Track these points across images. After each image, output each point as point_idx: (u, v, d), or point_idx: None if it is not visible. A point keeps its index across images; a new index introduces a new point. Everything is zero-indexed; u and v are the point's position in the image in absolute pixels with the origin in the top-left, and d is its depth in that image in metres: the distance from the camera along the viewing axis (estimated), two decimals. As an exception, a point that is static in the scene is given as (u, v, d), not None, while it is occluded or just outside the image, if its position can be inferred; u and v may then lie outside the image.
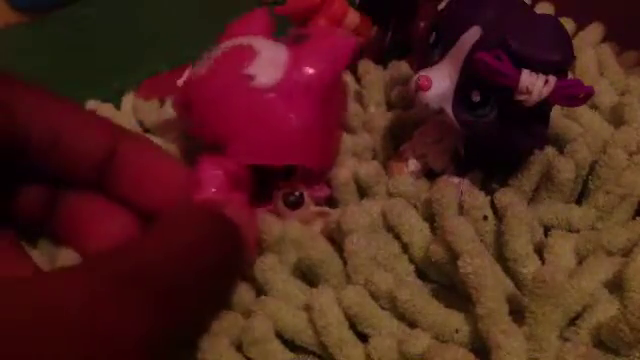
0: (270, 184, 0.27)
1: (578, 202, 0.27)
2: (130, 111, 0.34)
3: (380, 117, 0.31)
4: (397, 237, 0.25)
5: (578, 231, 0.25)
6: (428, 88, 0.24)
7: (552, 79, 0.22)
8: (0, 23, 0.48)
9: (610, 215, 0.26)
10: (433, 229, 0.25)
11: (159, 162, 0.23)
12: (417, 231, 0.25)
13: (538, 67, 0.22)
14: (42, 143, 0.21)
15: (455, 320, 0.22)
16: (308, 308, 0.23)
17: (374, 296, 0.23)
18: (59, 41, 0.44)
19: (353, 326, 0.23)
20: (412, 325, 0.23)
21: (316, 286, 0.24)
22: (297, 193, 0.27)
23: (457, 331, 0.22)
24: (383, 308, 0.23)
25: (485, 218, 0.24)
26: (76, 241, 0.23)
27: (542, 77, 0.22)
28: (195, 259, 0.19)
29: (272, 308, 0.23)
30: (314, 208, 0.27)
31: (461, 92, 0.24)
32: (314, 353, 0.23)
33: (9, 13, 0.50)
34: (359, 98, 0.33)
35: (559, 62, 0.23)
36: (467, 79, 0.24)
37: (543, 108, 0.23)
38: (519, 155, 0.27)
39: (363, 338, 0.23)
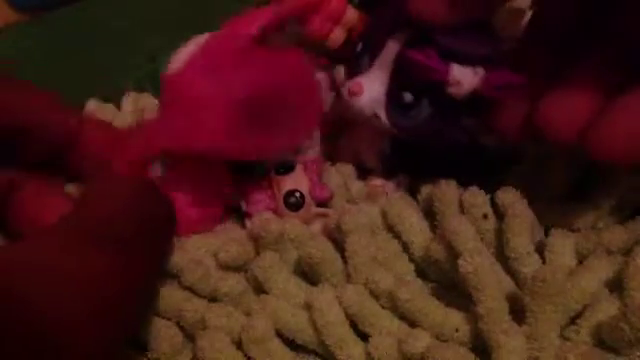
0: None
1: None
2: (130, 111, 0.34)
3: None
4: (397, 236, 0.25)
5: (578, 230, 0.25)
6: (361, 93, 0.25)
7: (480, 70, 0.23)
8: (0, 23, 0.48)
9: (610, 215, 0.26)
10: (433, 228, 0.25)
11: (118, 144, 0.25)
12: (417, 230, 0.25)
13: (466, 61, 0.23)
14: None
15: (455, 319, 0.22)
16: (308, 307, 0.23)
17: (374, 295, 0.23)
18: (59, 41, 0.44)
19: (353, 325, 0.23)
20: (412, 324, 0.23)
21: (316, 285, 0.24)
22: (297, 194, 0.27)
23: (457, 330, 0.22)
24: (383, 307, 0.23)
25: (485, 217, 0.24)
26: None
27: (471, 68, 0.23)
28: (136, 215, 0.21)
29: (272, 307, 0.23)
30: (315, 209, 0.27)
31: (393, 95, 0.25)
32: (314, 352, 0.23)
33: (9, 13, 0.50)
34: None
35: (486, 55, 0.24)
36: (398, 82, 0.25)
37: (474, 102, 0.24)
38: (449, 155, 0.27)
39: (363, 337, 0.23)
